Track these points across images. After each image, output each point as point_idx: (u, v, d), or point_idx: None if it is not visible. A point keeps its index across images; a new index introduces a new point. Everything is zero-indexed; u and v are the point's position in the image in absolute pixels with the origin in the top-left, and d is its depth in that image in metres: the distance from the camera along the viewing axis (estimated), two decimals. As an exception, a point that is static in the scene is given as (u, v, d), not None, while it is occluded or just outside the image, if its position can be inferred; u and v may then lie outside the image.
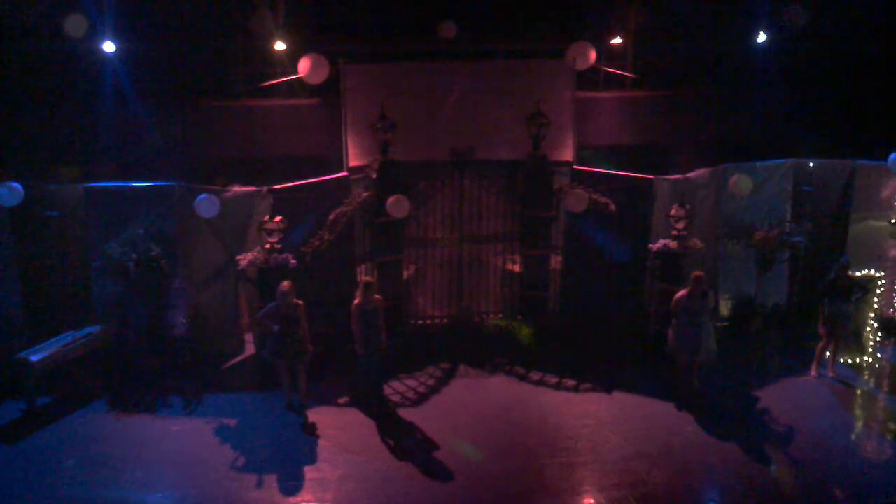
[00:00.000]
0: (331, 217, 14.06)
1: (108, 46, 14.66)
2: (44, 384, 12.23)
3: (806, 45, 15.91)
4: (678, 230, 14.19)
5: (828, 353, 13.44)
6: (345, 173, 15.09)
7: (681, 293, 12.21)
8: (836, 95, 16.30)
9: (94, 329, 13.25)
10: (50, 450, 10.99)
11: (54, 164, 14.88)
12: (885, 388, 13.16)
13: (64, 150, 15.17)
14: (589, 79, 16.11)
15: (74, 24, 13.79)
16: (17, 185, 12.34)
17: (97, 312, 13.46)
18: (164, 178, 13.56)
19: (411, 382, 13.54)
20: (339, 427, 11.69)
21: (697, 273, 12.20)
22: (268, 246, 13.43)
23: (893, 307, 14.78)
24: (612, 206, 14.53)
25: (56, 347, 12.48)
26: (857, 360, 13.98)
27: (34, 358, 11.98)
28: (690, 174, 15.13)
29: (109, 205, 13.17)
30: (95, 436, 11.46)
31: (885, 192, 14.63)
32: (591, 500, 9.45)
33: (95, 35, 14.44)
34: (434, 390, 13.30)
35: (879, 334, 14.22)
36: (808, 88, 16.21)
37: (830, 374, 13.39)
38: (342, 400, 12.73)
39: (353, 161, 15.14)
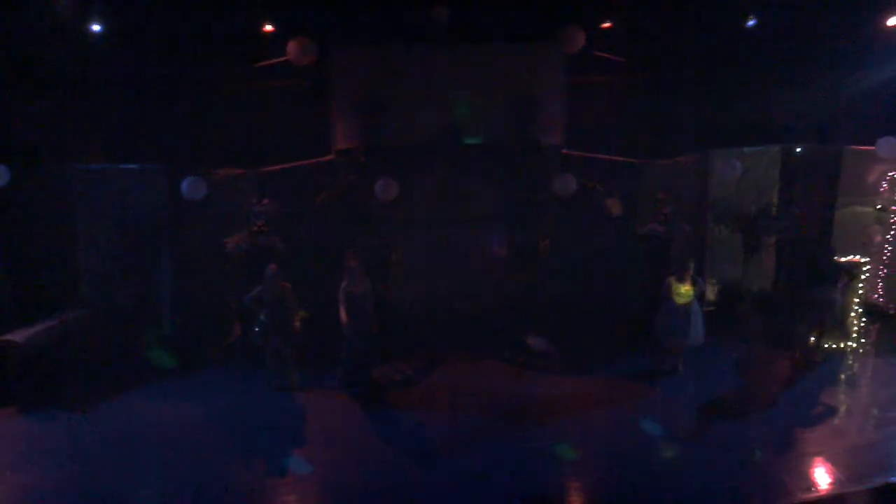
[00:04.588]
0: (318, 200, 14.02)
1: (96, 26, 14.54)
2: (30, 365, 12.16)
3: (793, 31, 15.90)
4: (665, 214, 14.22)
5: (812, 338, 13.51)
6: (332, 156, 15.05)
7: (670, 277, 12.25)
8: (824, 80, 16.31)
9: (82, 310, 13.20)
10: (36, 430, 10.97)
11: (42, 145, 14.75)
12: (869, 373, 13.26)
13: (52, 131, 15.04)
14: (579, 63, 16.06)
15: (62, 4, 13.65)
16: (2, 167, 12.27)
17: (85, 294, 13.40)
18: (152, 161, 13.49)
19: (398, 365, 13.55)
20: (326, 410, 11.72)
21: (687, 258, 12.24)
22: (255, 228, 13.41)
23: (878, 293, 14.88)
24: (601, 190, 14.55)
25: (43, 328, 12.43)
26: (842, 345, 14.06)
27: (20, 339, 11.93)
28: (678, 159, 15.15)
29: (97, 187, 13.10)
30: (82, 417, 11.45)
31: (872, 178, 14.68)
32: (578, 483, 9.49)
33: (83, 15, 14.30)
34: (422, 374, 13.34)
35: (864, 320, 14.29)
36: (794, 73, 16.21)
37: (815, 359, 13.46)
38: (329, 383, 12.74)
39: (341, 144, 15.11)
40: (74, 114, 15.05)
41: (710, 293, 14.78)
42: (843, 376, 13.09)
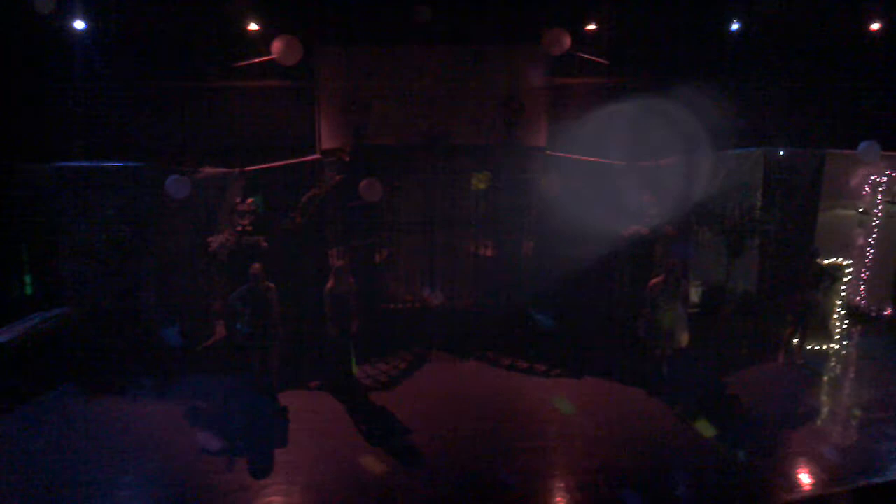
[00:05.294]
0: (303, 200, 13.99)
1: (79, 24, 14.45)
2: (12, 365, 12.07)
3: (777, 35, 16.00)
4: (649, 217, 14.26)
5: (795, 340, 13.59)
6: (317, 156, 15.03)
7: (654, 280, 12.28)
8: (807, 84, 16.42)
9: (64, 310, 13.11)
10: (18, 431, 10.89)
11: (24, 143, 14.64)
12: (851, 375, 13.34)
13: (34, 130, 14.95)
14: (563, 65, 16.10)
15: (44, 1, 13.54)
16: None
17: (66, 293, 13.31)
18: (135, 159, 13.43)
19: (383, 366, 13.55)
20: (309, 410, 11.66)
21: (671, 260, 12.28)
22: (239, 228, 13.36)
23: (860, 295, 14.97)
24: (585, 192, 14.56)
25: (25, 328, 12.35)
26: (824, 346, 14.14)
27: (2, 339, 11.84)
28: (662, 161, 15.20)
29: (80, 185, 13.02)
30: (64, 417, 11.37)
31: (854, 181, 14.80)
32: (561, 484, 9.49)
33: (66, 12, 14.21)
34: (406, 374, 13.33)
35: (846, 322, 14.38)
36: (779, 77, 16.31)
37: (798, 361, 13.55)
38: (313, 383, 12.71)
39: (326, 144, 15.09)
40: (57, 112, 14.98)
41: (694, 295, 14.83)
42: (825, 378, 13.16)
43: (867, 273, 15.16)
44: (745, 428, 11.00)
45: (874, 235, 15.00)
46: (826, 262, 13.84)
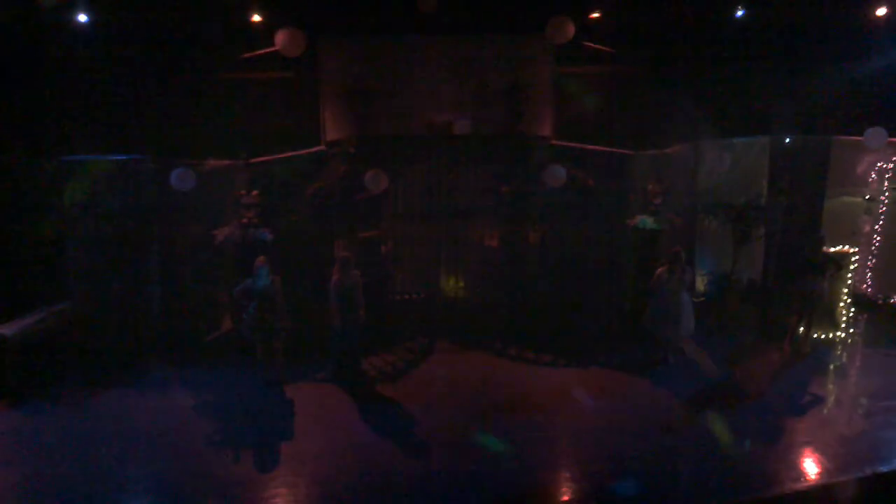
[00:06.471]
0: (308, 191, 13.98)
1: (82, 17, 14.41)
2: (18, 359, 12.10)
3: (782, 20, 15.90)
4: (656, 205, 14.23)
5: (801, 328, 13.55)
6: (322, 147, 15.01)
7: (660, 269, 12.26)
8: (812, 70, 16.32)
9: (69, 304, 13.14)
10: (25, 425, 10.93)
11: (29, 136, 14.64)
12: (857, 363, 13.32)
13: (38, 124, 14.94)
14: (568, 53, 16.02)
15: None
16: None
17: (72, 286, 13.34)
18: (140, 152, 13.44)
19: (389, 358, 13.58)
20: (316, 402, 11.69)
21: (676, 249, 12.25)
22: (244, 220, 13.35)
23: (867, 283, 14.93)
24: (591, 182, 14.54)
25: (31, 321, 12.37)
26: (831, 335, 14.11)
27: (8, 333, 11.87)
28: (668, 149, 15.15)
29: (84, 178, 13.03)
30: (71, 411, 11.41)
31: (861, 168, 14.74)
32: (568, 475, 9.51)
33: (69, 4, 14.18)
34: (412, 365, 13.35)
35: (853, 310, 14.35)
36: (784, 63, 16.22)
37: (804, 349, 13.51)
38: (319, 375, 12.74)
39: (331, 135, 15.07)
40: (60, 104, 14.96)
41: (700, 284, 14.80)
42: (831, 367, 13.14)
43: (874, 260, 15.11)
44: (751, 417, 11.00)
45: (881, 223, 14.95)
46: (832, 249, 13.80)
